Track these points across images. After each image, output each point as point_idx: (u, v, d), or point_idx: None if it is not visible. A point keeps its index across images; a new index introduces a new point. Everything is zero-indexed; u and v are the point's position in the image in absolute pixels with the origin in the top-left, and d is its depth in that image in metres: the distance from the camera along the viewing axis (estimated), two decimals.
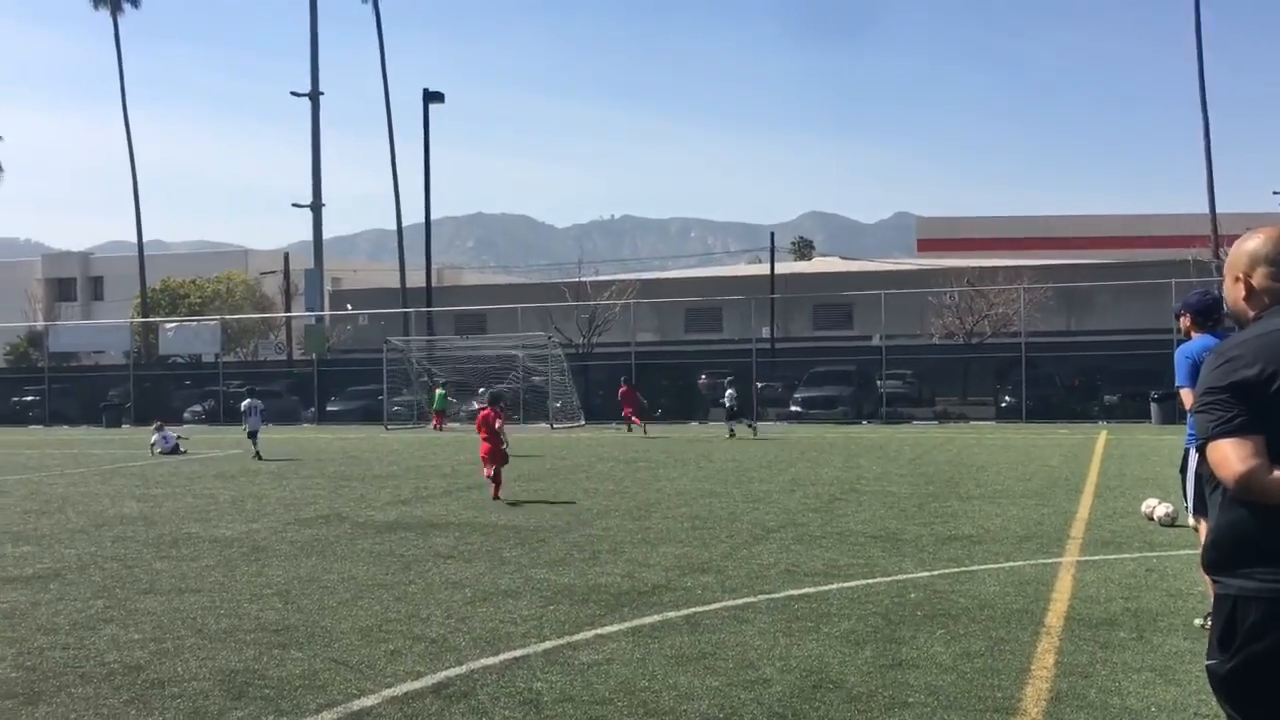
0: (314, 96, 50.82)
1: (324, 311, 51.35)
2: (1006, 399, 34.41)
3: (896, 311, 40.39)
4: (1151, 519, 11.23)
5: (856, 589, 8.22)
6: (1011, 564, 9.17)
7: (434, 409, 34.19)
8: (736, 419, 27.61)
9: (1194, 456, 6.43)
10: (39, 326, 56.13)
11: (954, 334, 39.26)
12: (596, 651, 6.51)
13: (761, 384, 37.08)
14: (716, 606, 7.67)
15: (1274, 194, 51.38)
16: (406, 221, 52.84)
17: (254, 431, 22.51)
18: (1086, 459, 19.43)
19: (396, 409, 37.37)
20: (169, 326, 49.67)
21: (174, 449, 24.60)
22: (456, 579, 8.87)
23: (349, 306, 57.14)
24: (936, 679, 5.81)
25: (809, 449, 23.07)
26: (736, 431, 27.20)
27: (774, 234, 53.95)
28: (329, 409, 40.94)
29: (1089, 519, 11.76)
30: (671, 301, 50.18)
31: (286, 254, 60.34)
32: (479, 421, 15.33)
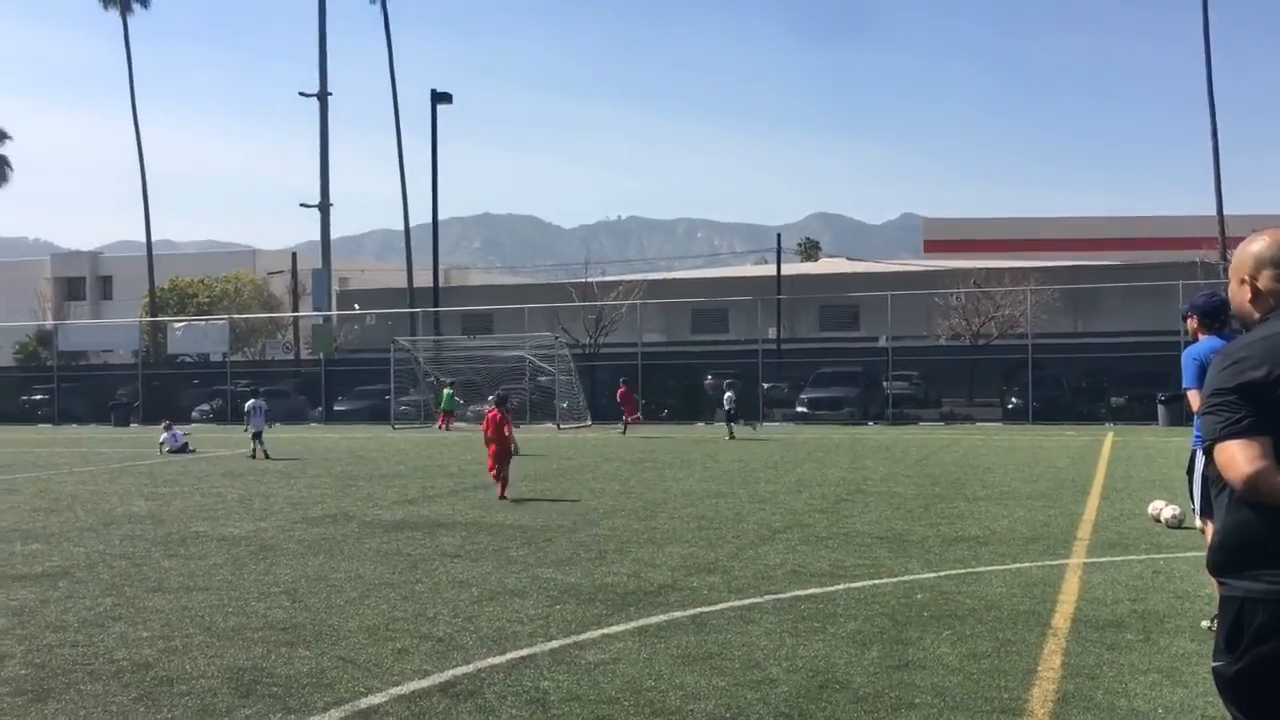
0: (322, 97, 50.94)
1: (331, 311, 51.50)
2: (1013, 400, 34.38)
3: (903, 313, 40.36)
4: (1158, 521, 11.22)
5: (863, 590, 8.22)
6: (1018, 565, 9.16)
7: (441, 409, 34.28)
8: (736, 420, 27.63)
9: (1201, 458, 6.43)
10: (48, 325, 56.33)
11: (960, 335, 39.21)
12: (603, 651, 6.52)
13: (768, 385, 37.08)
14: (723, 607, 7.68)
15: None
16: (414, 222, 52.95)
17: (258, 432, 22.57)
18: (1093, 461, 19.40)
19: (403, 409, 37.44)
20: (177, 326, 49.81)
21: (182, 447, 24.68)
22: (463, 578, 8.89)
23: (356, 306, 57.23)
24: (943, 680, 5.82)
25: (815, 450, 23.07)
26: (736, 433, 27.23)
27: (780, 235, 53.99)
28: (336, 408, 41.03)
29: (1096, 521, 11.75)
30: (678, 302, 50.18)
31: (294, 254, 60.44)
32: (487, 422, 15.37)
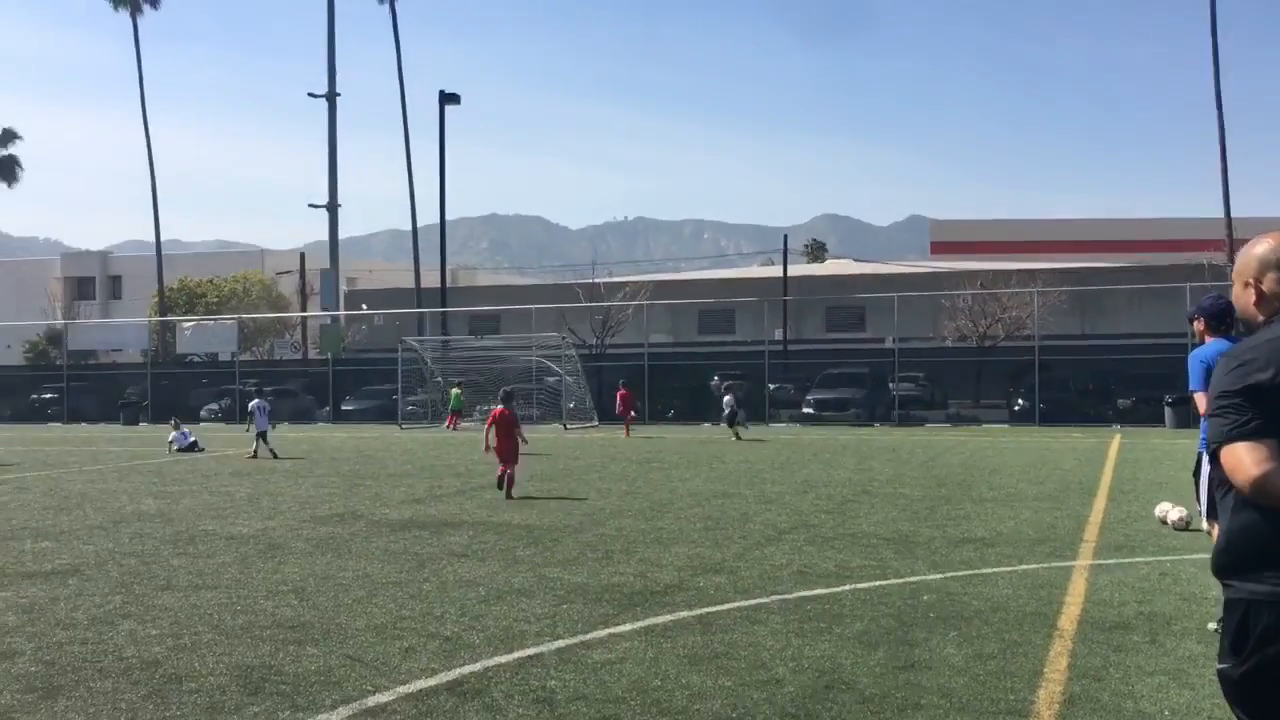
0: (331, 98, 51.09)
1: (339, 311, 51.62)
2: (1020, 402, 34.33)
3: (909, 314, 40.34)
4: (1165, 523, 11.21)
5: (869, 591, 8.23)
6: (1025, 567, 9.16)
7: (450, 409, 34.34)
8: (735, 422, 27.62)
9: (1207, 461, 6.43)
10: (58, 325, 56.49)
11: (967, 337, 39.16)
12: (609, 651, 6.54)
13: (774, 386, 37.08)
14: (729, 607, 7.69)
15: None
16: (421, 222, 53.04)
17: (262, 432, 22.62)
18: (1100, 463, 19.37)
19: (411, 409, 37.50)
20: (186, 325, 49.94)
21: (191, 446, 24.78)
22: (470, 577, 8.92)
23: (364, 306, 57.32)
24: (949, 681, 5.82)
25: (821, 451, 23.07)
26: (724, 434, 27.21)
27: (787, 236, 53.98)
28: (344, 408, 41.11)
29: (1102, 523, 11.74)
30: (685, 303, 50.18)
31: (302, 254, 60.58)
32: (492, 419, 15.41)
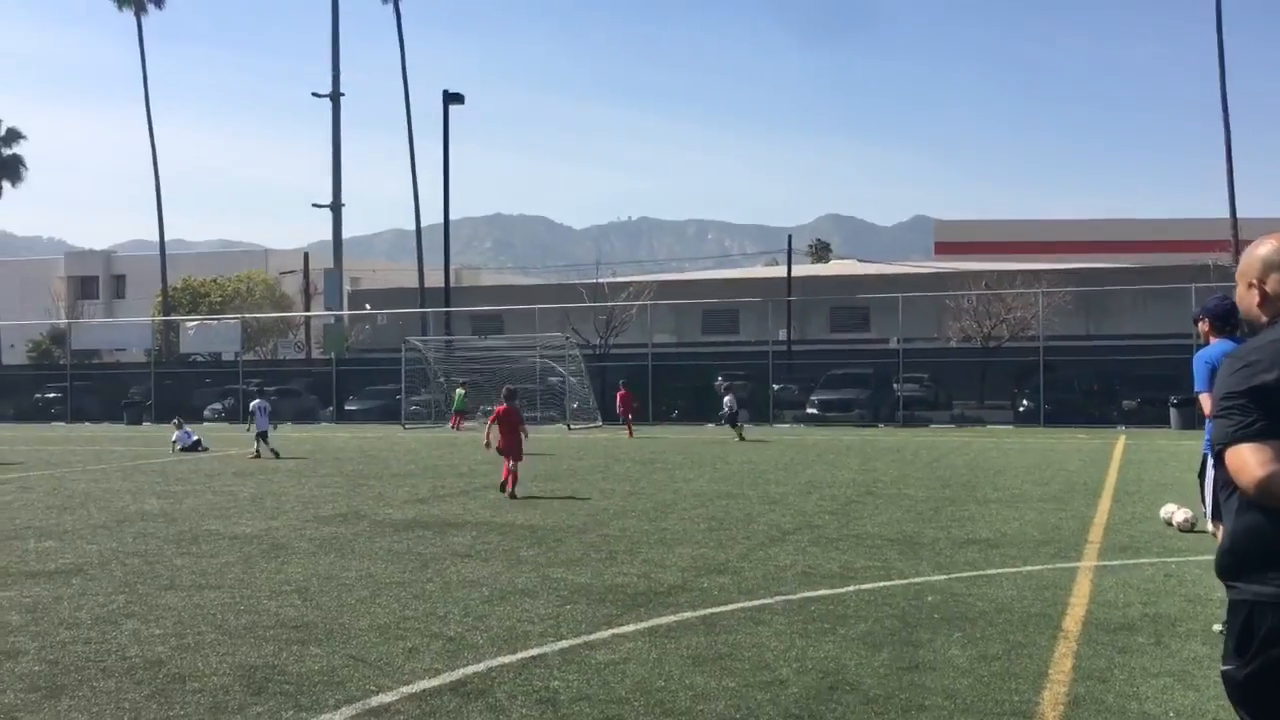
0: (335, 97, 51.09)
1: (343, 311, 51.64)
2: (1024, 403, 34.29)
3: (914, 314, 40.29)
4: (1170, 524, 11.19)
5: (873, 592, 8.22)
6: (1029, 568, 9.14)
7: (454, 409, 34.36)
8: (735, 422, 27.57)
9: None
10: (62, 324, 56.58)
11: (972, 337, 39.11)
12: (613, 651, 6.53)
13: (778, 386, 37.06)
14: (733, 608, 7.68)
15: None
16: (425, 222, 53.05)
17: (263, 432, 22.62)
18: (1105, 464, 19.34)
19: (414, 408, 37.52)
20: (190, 325, 50.00)
21: (194, 445, 24.81)
22: (474, 578, 8.91)
23: (367, 306, 57.38)
24: (953, 682, 5.81)
25: (826, 452, 23.05)
26: (743, 435, 27.18)
27: (791, 236, 53.93)
28: (347, 408, 41.14)
29: (1107, 524, 11.72)
30: (688, 303, 50.18)
31: (306, 254, 60.68)
32: (498, 415, 15.45)
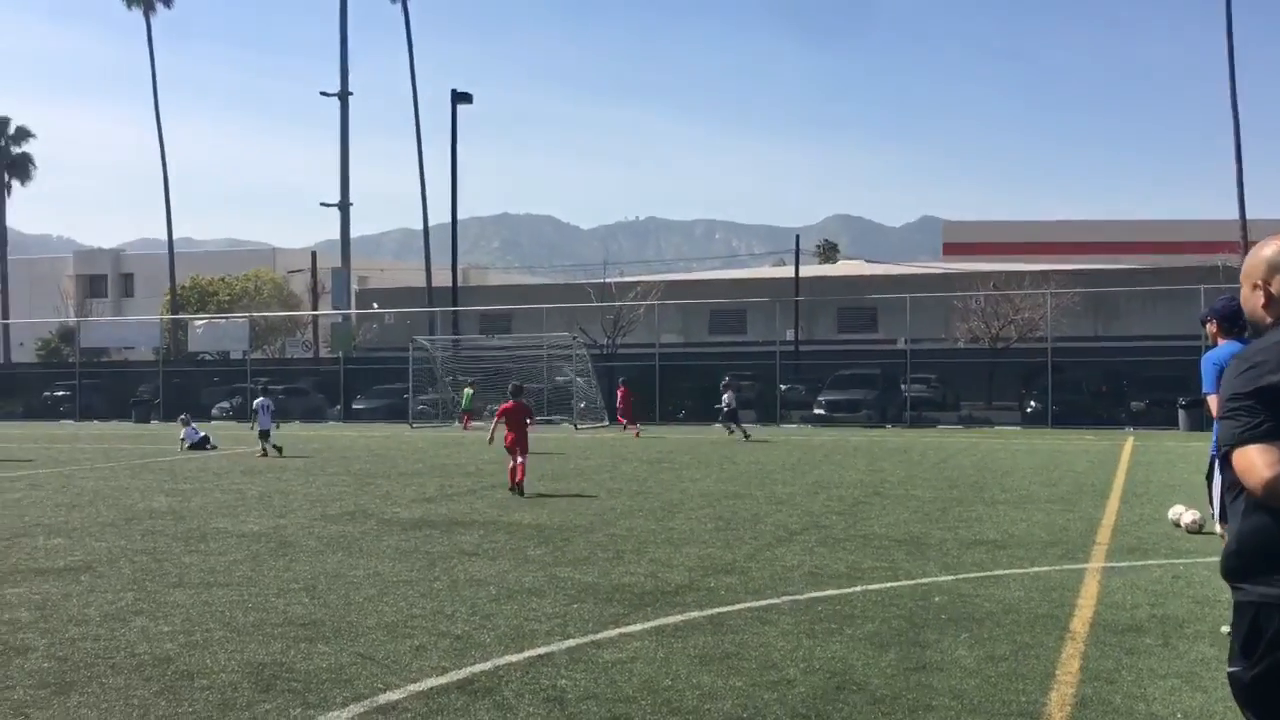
0: (343, 96, 51.18)
1: (350, 310, 51.74)
2: (1032, 404, 34.21)
3: (921, 315, 40.24)
4: (1179, 526, 11.17)
5: (880, 592, 8.22)
6: (1037, 569, 9.13)
7: (463, 409, 34.39)
8: (733, 421, 27.57)
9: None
10: (71, 322, 56.75)
11: (979, 338, 39.06)
12: (620, 650, 6.54)
13: (785, 386, 37.03)
14: (740, 607, 7.68)
15: None
16: (433, 221, 53.14)
17: (265, 430, 22.63)
18: (1113, 465, 19.30)
19: (422, 408, 37.56)
20: (198, 323, 50.12)
21: (202, 441, 24.90)
22: (481, 576, 8.93)
23: (375, 305, 57.46)
24: (961, 683, 5.81)
25: (833, 452, 23.04)
26: (737, 433, 27.15)
27: (799, 236, 53.93)
28: (354, 407, 41.19)
29: (1115, 525, 11.70)
30: (696, 303, 50.18)
31: (314, 253, 60.75)
32: (506, 411, 15.53)
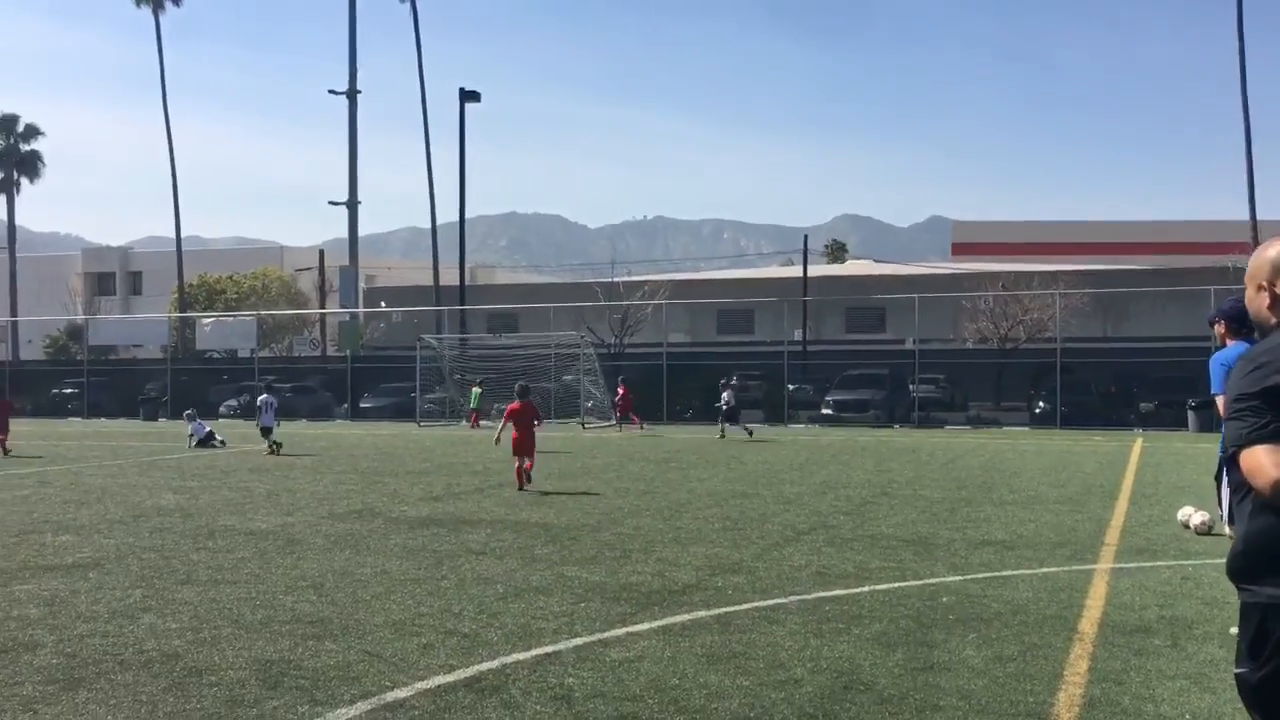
0: (352, 95, 51.24)
1: (358, 308, 51.80)
2: (1041, 405, 34.12)
3: (930, 315, 40.18)
4: (1188, 527, 11.13)
5: (888, 592, 8.20)
6: (1045, 570, 9.11)
7: (472, 407, 34.44)
8: (732, 420, 27.56)
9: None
10: (79, 320, 56.92)
11: (988, 339, 38.99)
12: (627, 649, 6.54)
13: (793, 386, 37.01)
14: (747, 607, 7.68)
15: None
16: (440, 220, 53.14)
17: (268, 427, 22.64)
18: (1122, 466, 19.25)
19: (429, 406, 37.59)
20: (206, 321, 50.22)
21: (208, 437, 24.98)
22: (488, 575, 8.93)
23: (383, 304, 57.55)
24: (968, 683, 5.80)
25: (841, 452, 23.01)
26: (738, 431, 27.15)
27: (807, 236, 53.84)
28: (362, 405, 41.23)
29: (1124, 526, 11.66)
30: (704, 303, 50.16)
31: (322, 251, 60.89)
32: (513, 412, 15.60)
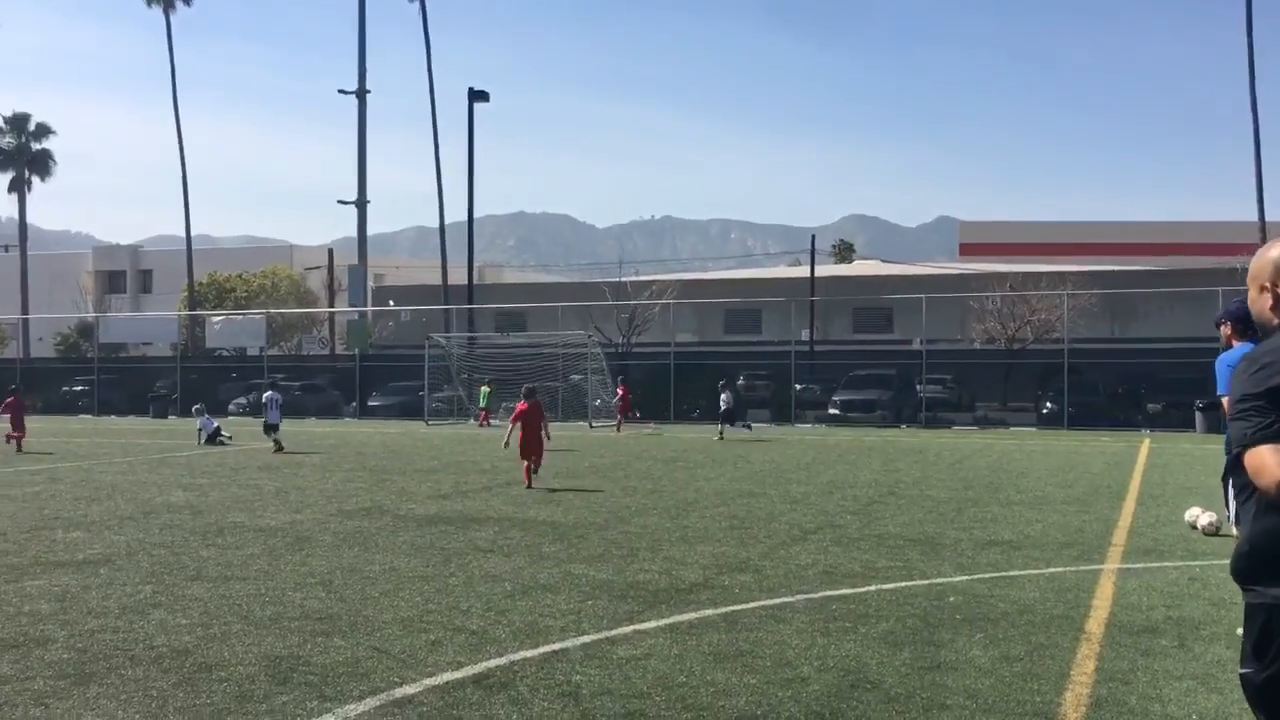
0: (361, 94, 51.31)
1: (367, 307, 51.90)
2: (1048, 405, 34.07)
3: (937, 316, 40.14)
4: (1195, 528, 11.12)
5: (895, 591, 8.21)
6: (1052, 570, 9.11)
7: (482, 406, 34.50)
8: (730, 420, 27.57)
9: None
10: (89, 318, 57.10)
11: (995, 339, 38.94)
12: (634, 647, 6.56)
13: (800, 386, 37.00)
14: (754, 605, 7.70)
15: None
16: (449, 219, 53.22)
17: (274, 424, 22.70)
18: (1129, 467, 19.22)
19: (437, 405, 37.65)
20: (215, 320, 50.36)
21: (216, 432, 25.09)
22: (496, 572, 8.96)
23: (391, 303, 57.63)
24: (975, 682, 5.81)
25: (847, 452, 23.01)
26: (726, 434, 27.15)
27: (814, 236, 53.86)
28: (370, 404, 41.31)
29: (1131, 527, 11.66)
30: (711, 302, 50.16)
31: (330, 250, 60.97)
32: (520, 414, 15.70)
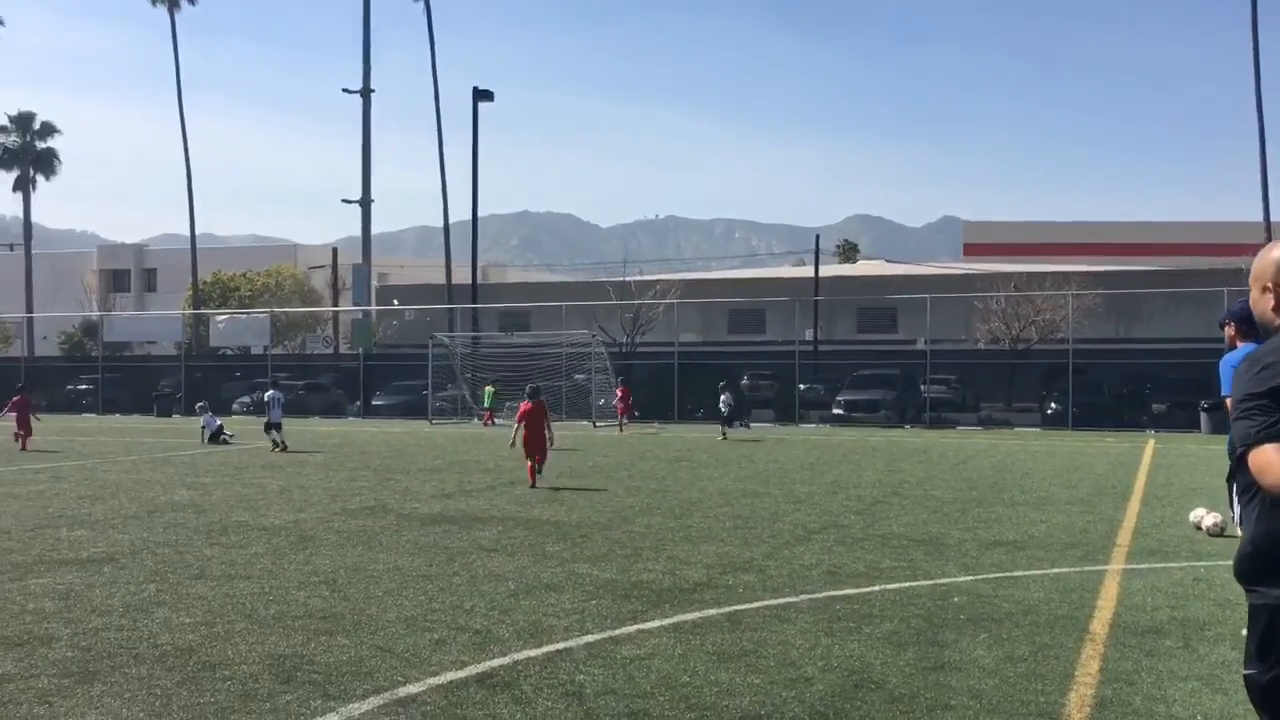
0: (365, 94, 51.39)
1: (371, 306, 51.94)
2: (1053, 406, 34.02)
3: (942, 316, 40.11)
4: (1200, 529, 11.11)
5: (899, 591, 8.21)
6: (1056, 570, 9.10)
7: (486, 406, 34.50)
8: (730, 422, 27.59)
9: None
10: (94, 317, 57.17)
11: (1000, 339, 38.89)
12: (638, 646, 6.56)
13: (804, 386, 36.98)
14: (758, 605, 7.69)
15: None
16: (453, 218, 53.22)
17: (276, 423, 22.71)
18: (1134, 467, 19.20)
19: (441, 404, 37.67)
20: (220, 319, 50.38)
21: (218, 430, 25.12)
22: (499, 572, 8.96)
23: (395, 302, 57.66)
24: (979, 683, 5.80)
25: (851, 452, 22.99)
26: (729, 435, 27.18)
27: (819, 236, 53.84)
28: (374, 403, 41.32)
29: (1136, 527, 11.64)
30: (715, 302, 50.16)
31: (335, 249, 61.03)
32: (524, 413, 15.73)
